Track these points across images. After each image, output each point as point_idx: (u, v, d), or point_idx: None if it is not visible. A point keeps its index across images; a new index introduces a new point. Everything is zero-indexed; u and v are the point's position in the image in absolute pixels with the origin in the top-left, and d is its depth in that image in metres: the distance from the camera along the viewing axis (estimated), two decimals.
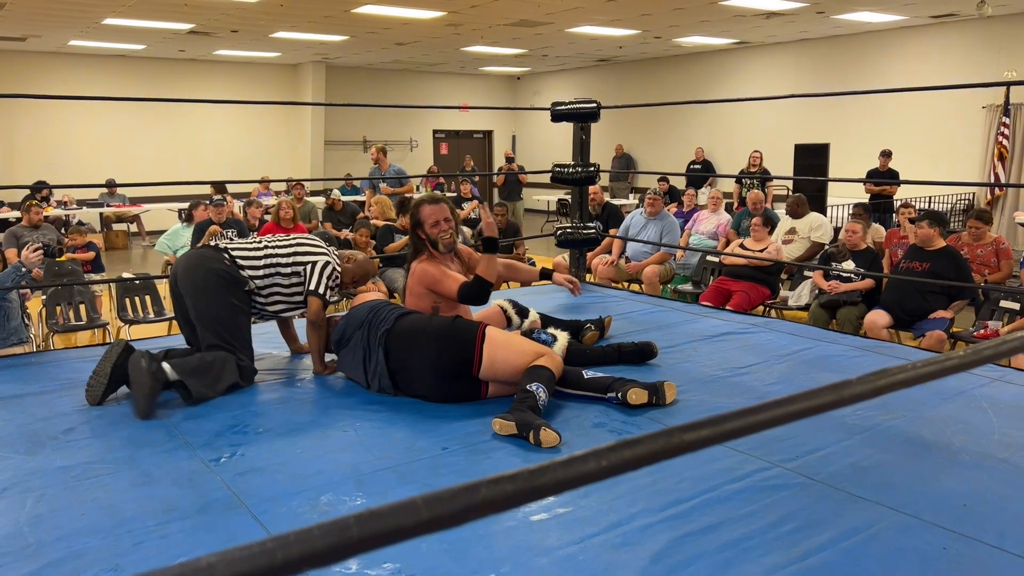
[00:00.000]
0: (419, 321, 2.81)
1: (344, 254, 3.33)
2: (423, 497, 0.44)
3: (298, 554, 0.39)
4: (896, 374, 0.62)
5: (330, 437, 2.46)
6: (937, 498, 2.01)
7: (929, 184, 7.09)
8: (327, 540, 0.40)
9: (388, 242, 6.75)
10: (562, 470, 0.48)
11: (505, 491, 0.45)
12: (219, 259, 2.96)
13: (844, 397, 0.60)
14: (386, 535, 0.41)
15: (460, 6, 9.25)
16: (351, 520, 0.41)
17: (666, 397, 2.68)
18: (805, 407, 0.56)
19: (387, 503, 0.43)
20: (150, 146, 14.02)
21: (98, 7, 9.07)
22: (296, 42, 12.11)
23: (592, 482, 0.50)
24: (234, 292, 2.94)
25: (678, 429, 0.53)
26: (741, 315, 4.36)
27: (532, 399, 2.47)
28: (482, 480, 0.46)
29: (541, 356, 2.68)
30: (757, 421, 0.56)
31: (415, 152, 17.10)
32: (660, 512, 1.93)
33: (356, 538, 0.40)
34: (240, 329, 2.95)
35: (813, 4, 9.40)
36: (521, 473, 0.47)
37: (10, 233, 7.11)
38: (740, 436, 0.56)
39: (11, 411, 2.69)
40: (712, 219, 7.44)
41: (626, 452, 0.49)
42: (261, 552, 0.38)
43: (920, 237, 5.06)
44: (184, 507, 1.98)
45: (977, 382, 2.91)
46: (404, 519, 0.42)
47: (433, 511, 0.43)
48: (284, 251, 3.10)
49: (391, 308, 2.92)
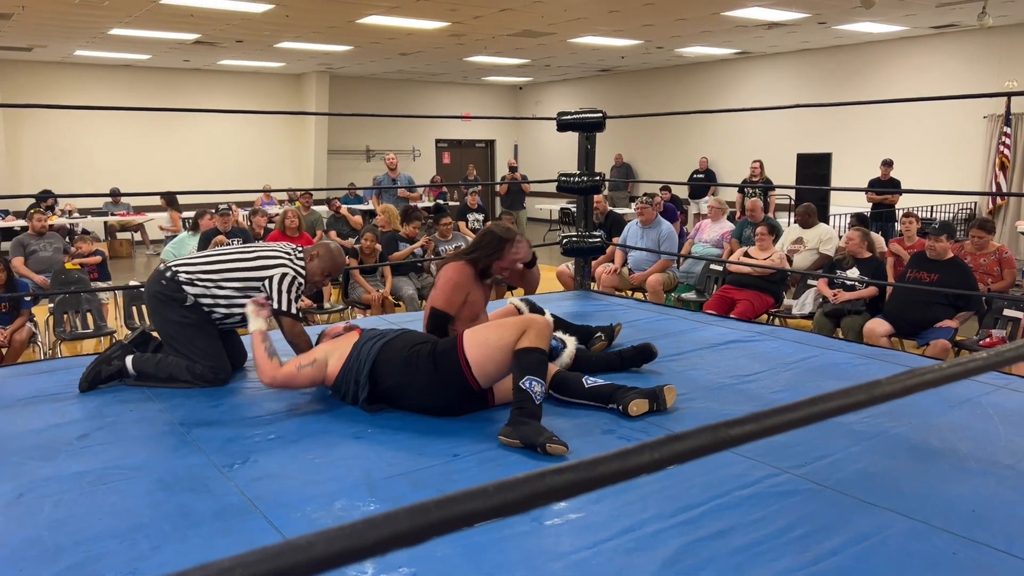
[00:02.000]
0: (400, 351, 2.67)
1: (308, 251, 3.18)
2: (493, 484, 0.47)
3: (388, 534, 0.42)
4: (925, 374, 0.64)
5: (341, 444, 2.48)
6: (945, 504, 2.02)
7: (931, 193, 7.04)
8: (411, 522, 0.43)
9: (393, 250, 6.79)
10: (618, 461, 0.50)
11: (568, 479, 0.48)
12: (156, 281, 3.05)
13: (875, 396, 0.63)
14: (462, 518, 0.44)
15: (464, 16, 9.32)
16: (431, 504, 0.44)
17: (667, 402, 2.69)
18: (838, 405, 0.58)
19: (459, 490, 0.46)
20: (154, 155, 14.09)
21: (105, 17, 9.14)
22: (300, 52, 12.18)
23: (645, 473, 0.53)
24: (174, 309, 3.00)
25: (724, 424, 0.55)
26: (746, 323, 4.38)
27: (529, 401, 2.44)
28: (547, 468, 0.49)
29: (522, 333, 2.52)
30: (794, 418, 0.58)
31: (418, 161, 17.17)
32: (671, 517, 1.95)
33: (436, 520, 0.43)
34: (190, 339, 3.00)
35: (814, 15, 9.47)
36: (582, 463, 0.50)
37: (16, 242, 7.15)
38: (781, 432, 0.58)
39: (25, 417, 2.71)
40: (715, 228, 7.47)
41: (676, 445, 0.52)
42: (353, 532, 0.41)
43: (938, 251, 5.06)
44: (199, 512, 2.00)
45: (982, 390, 2.93)
46: (478, 504, 0.44)
47: (503, 497, 0.45)
48: (238, 264, 3.04)
49: (372, 342, 2.74)
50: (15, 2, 8.13)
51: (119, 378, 3.03)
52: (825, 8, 8.98)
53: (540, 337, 2.50)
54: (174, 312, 3.00)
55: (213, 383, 3.02)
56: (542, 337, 2.51)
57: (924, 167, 10.97)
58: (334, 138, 15.67)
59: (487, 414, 2.70)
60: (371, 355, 2.67)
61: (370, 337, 2.77)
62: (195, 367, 3.00)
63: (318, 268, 3.14)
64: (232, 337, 3.30)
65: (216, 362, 3.03)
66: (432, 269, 7.07)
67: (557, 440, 2.34)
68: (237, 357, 3.29)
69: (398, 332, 2.80)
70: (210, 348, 3.02)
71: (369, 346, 2.71)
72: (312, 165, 15.36)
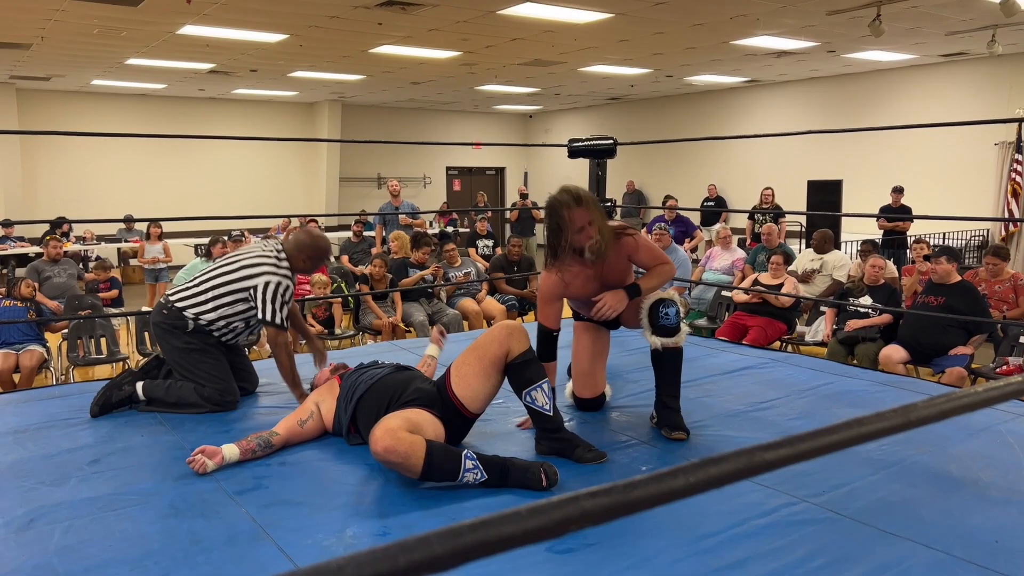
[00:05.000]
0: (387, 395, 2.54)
1: (287, 245, 3.09)
2: (526, 508, 0.46)
3: (420, 558, 0.41)
4: (961, 398, 0.63)
5: (352, 470, 2.46)
6: (967, 534, 1.98)
7: (942, 219, 7.04)
8: (444, 546, 0.42)
9: (403, 276, 6.80)
10: (654, 485, 0.49)
11: (602, 504, 0.47)
12: (159, 312, 3.10)
13: (911, 420, 0.61)
14: (497, 542, 0.43)
15: (475, 46, 9.43)
16: (464, 528, 0.43)
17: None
18: (868, 431, 0.57)
19: (494, 513, 0.45)
20: (169, 182, 14.23)
21: (122, 48, 9.29)
22: (313, 81, 12.33)
23: (680, 498, 0.52)
24: (178, 336, 3.05)
25: (759, 448, 0.54)
26: (759, 350, 4.35)
27: (539, 416, 2.47)
28: (580, 492, 0.48)
29: (505, 345, 2.46)
30: (830, 442, 0.57)
31: (428, 188, 17.28)
32: (689, 546, 1.91)
33: (470, 544, 0.42)
34: (196, 364, 3.04)
35: (823, 44, 9.52)
36: (616, 487, 0.49)
37: (31, 268, 7.21)
38: (816, 456, 0.57)
39: (37, 443, 2.71)
40: (726, 255, 7.46)
41: (712, 469, 0.51)
42: (385, 556, 0.40)
43: (940, 273, 5.04)
44: (210, 539, 1.98)
45: (1002, 418, 2.88)
46: (512, 528, 0.44)
47: (537, 521, 0.44)
48: (224, 279, 3.03)
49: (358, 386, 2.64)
50: (35, 33, 8.28)
51: (129, 404, 3.05)
52: (834, 37, 9.03)
53: (522, 339, 2.49)
54: (178, 339, 3.05)
55: (221, 405, 3.03)
56: (523, 337, 2.50)
57: (935, 194, 10.94)
58: (346, 165, 15.79)
59: (485, 432, 2.68)
60: (354, 400, 2.59)
61: (356, 379, 2.67)
62: (203, 390, 3.02)
63: (301, 258, 3.09)
64: (242, 360, 3.30)
65: (223, 384, 3.05)
66: (442, 295, 7.08)
67: (593, 450, 2.35)
68: (249, 380, 3.29)
69: (387, 371, 2.68)
70: (216, 371, 3.05)
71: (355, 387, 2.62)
72: (324, 192, 15.47)
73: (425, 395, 2.50)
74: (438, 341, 3.25)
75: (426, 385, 2.57)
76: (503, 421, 2.87)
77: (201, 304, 3.05)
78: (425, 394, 2.50)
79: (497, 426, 2.82)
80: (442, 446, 2.26)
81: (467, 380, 2.49)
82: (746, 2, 7.25)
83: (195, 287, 3.08)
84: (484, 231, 10.28)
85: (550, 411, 2.49)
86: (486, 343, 2.51)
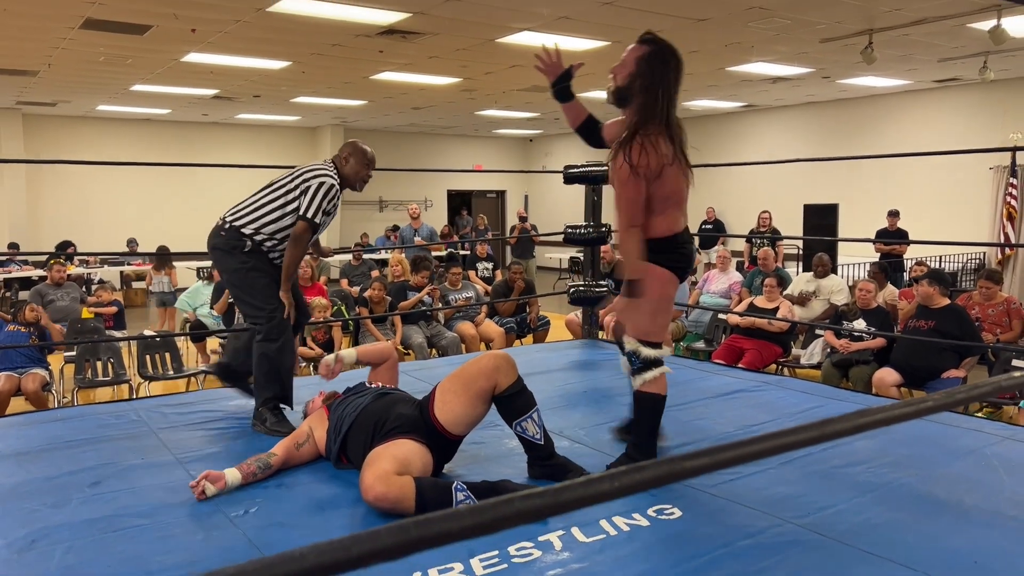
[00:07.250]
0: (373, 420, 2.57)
1: (337, 158, 3.34)
2: (468, 508, 0.54)
3: (371, 548, 0.49)
4: (876, 414, 0.68)
5: (348, 491, 2.51)
6: (948, 556, 2.03)
7: (938, 244, 7.19)
8: (393, 538, 0.49)
9: (403, 299, 6.87)
10: (582, 488, 0.56)
11: (534, 504, 0.54)
12: (216, 234, 3.17)
13: (826, 433, 0.67)
14: (438, 536, 0.50)
15: (475, 73, 9.58)
16: (411, 524, 0.50)
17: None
18: (784, 442, 0.63)
19: (438, 511, 0.53)
20: (172, 206, 14.37)
21: (128, 74, 9.46)
22: (316, 106, 12.50)
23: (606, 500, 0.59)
24: (235, 256, 3.13)
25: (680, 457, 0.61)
26: (753, 373, 4.40)
27: (530, 446, 2.52)
28: (515, 494, 0.56)
29: (492, 380, 2.46)
30: (749, 452, 0.63)
31: (429, 212, 17.41)
32: (674, 567, 1.96)
33: (415, 538, 0.50)
34: (253, 283, 3.13)
35: (818, 69, 9.66)
36: (548, 490, 0.56)
37: (35, 291, 7.29)
38: (736, 464, 0.63)
39: (39, 464, 2.76)
40: (723, 279, 7.53)
41: (636, 475, 0.58)
42: (341, 546, 0.47)
43: (921, 295, 5.13)
44: (208, 559, 2.03)
45: (988, 441, 2.93)
46: (451, 525, 0.51)
47: (475, 519, 0.52)
48: (282, 190, 3.15)
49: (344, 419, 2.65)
50: (43, 60, 8.44)
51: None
52: (828, 63, 9.17)
53: (510, 372, 2.49)
54: (236, 259, 3.13)
55: (280, 328, 3.12)
56: (511, 370, 2.49)
57: (931, 218, 11.04)
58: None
59: (478, 456, 2.73)
60: (342, 433, 2.62)
61: (341, 412, 2.69)
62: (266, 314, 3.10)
63: (352, 170, 3.33)
64: (297, 292, 3.37)
65: (276, 302, 3.13)
66: (440, 318, 7.14)
67: (585, 474, 2.37)
68: (304, 312, 3.43)
69: (369, 399, 2.69)
70: (271, 290, 3.14)
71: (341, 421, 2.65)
72: None
73: (407, 421, 2.50)
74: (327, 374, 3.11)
75: (407, 410, 2.57)
76: (496, 444, 2.92)
77: (261, 218, 3.12)
78: (406, 420, 2.51)
79: (490, 449, 2.87)
80: (431, 482, 2.31)
81: (451, 406, 2.49)
82: (740, 30, 7.39)
83: (253, 204, 3.16)
84: (484, 254, 10.37)
85: (541, 440, 2.53)
86: (473, 375, 2.49)
